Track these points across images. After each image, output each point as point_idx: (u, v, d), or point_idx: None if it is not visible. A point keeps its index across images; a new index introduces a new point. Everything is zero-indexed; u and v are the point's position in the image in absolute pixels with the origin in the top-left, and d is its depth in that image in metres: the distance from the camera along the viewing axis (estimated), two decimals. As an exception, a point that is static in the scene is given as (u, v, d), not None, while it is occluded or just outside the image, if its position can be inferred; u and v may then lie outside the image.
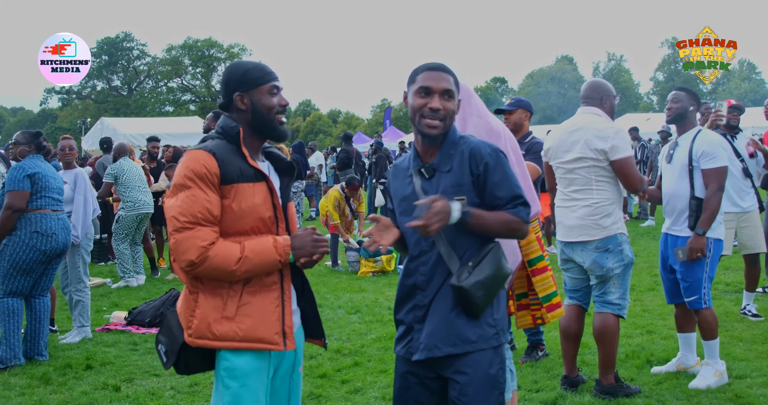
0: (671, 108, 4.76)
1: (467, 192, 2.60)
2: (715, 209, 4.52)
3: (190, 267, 2.38)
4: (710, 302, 4.65)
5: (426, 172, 2.65)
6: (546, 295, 4.14)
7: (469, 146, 2.64)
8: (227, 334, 2.42)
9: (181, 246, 2.38)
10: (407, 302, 2.69)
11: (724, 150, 4.63)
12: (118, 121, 30.74)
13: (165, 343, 2.57)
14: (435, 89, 2.58)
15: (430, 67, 2.63)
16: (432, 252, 2.63)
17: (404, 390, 2.70)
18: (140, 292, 8.49)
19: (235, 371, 2.44)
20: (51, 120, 59.64)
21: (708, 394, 4.45)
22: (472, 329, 2.57)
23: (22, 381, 5.12)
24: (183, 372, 2.58)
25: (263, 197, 2.49)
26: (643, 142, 14.91)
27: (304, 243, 2.48)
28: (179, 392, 4.80)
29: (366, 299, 7.75)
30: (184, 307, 2.49)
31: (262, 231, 2.50)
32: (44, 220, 5.47)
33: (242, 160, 2.48)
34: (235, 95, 2.53)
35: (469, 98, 4.02)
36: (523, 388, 4.64)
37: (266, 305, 2.47)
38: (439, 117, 2.58)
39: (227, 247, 2.40)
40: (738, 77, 64.36)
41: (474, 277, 2.52)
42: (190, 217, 2.38)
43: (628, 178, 4.31)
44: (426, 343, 2.58)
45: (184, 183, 2.41)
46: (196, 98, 61.63)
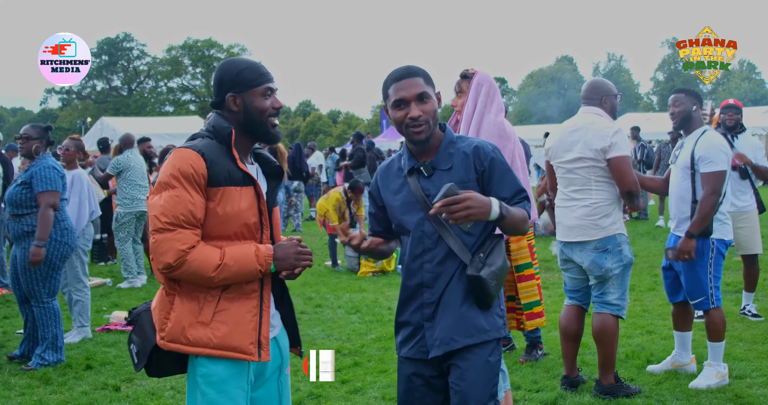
0: (674, 113, 4.73)
1: (472, 188, 2.60)
2: (706, 213, 4.47)
3: (167, 270, 2.32)
4: (719, 302, 4.62)
5: (425, 171, 2.66)
6: (528, 303, 4.17)
7: (472, 144, 2.67)
8: (201, 340, 2.35)
9: (160, 247, 2.31)
10: (412, 302, 2.69)
11: (725, 154, 4.56)
12: (118, 121, 30.80)
13: (137, 344, 2.51)
14: (408, 98, 2.59)
15: (396, 78, 2.63)
16: (438, 248, 2.63)
17: (409, 392, 2.71)
18: (140, 292, 8.48)
19: (211, 377, 2.38)
20: (51, 120, 59.50)
21: (708, 394, 4.45)
22: (485, 319, 2.63)
23: (22, 381, 5.12)
24: (155, 375, 2.52)
25: (249, 202, 2.42)
26: (642, 142, 14.90)
27: (287, 255, 2.42)
28: (179, 392, 4.80)
29: (366, 299, 7.75)
30: (159, 309, 2.42)
31: (246, 237, 2.43)
32: (67, 218, 5.62)
33: (231, 163, 2.41)
34: (227, 96, 2.46)
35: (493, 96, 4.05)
36: (523, 388, 4.64)
37: (243, 313, 2.40)
38: (421, 122, 2.59)
39: (207, 252, 2.33)
40: (738, 77, 64.31)
41: (488, 268, 2.57)
42: (171, 218, 2.31)
43: (623, 177, 4.28)
44: (442, 338, 2.60)
45: (169, 182, 2.34)
46: (196, 98, 61.60)
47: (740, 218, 6.19)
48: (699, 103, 4.75)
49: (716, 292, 4.60)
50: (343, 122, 65.36)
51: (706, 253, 4.57)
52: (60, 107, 62.19)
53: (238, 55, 59.36)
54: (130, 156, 8.81)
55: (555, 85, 65.18)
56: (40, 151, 5.52)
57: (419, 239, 2.65)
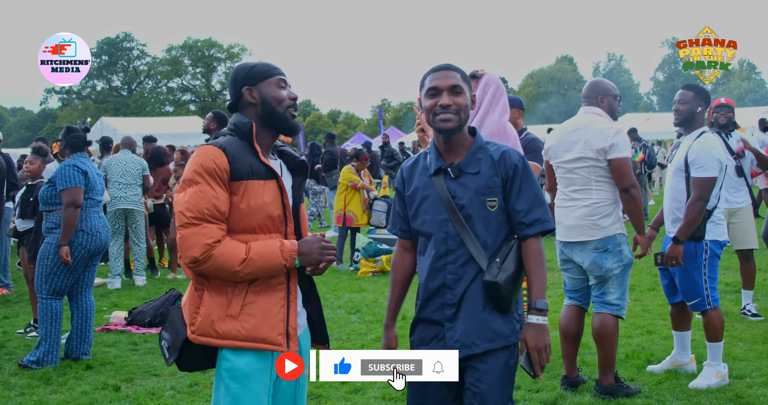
0: (678, 110, 4.71)
1: (497, 194, 2.64)
2: (692, 218, 4.44)
3: (193, 264, 2.37)
4: (716, 303, 4.61)
5: (452, 172, 2.66)
6: None
7: (500, 150, 2.68)
8: (230, 333, 2.40)
9: (186, 242, 2.36)
10: (434, 301, 2.70)
11: (718, 160, 4.49)
12: (118, 121, 30.83)
13: (168, 339, 2.55)
14: (442, 87, 2.63)
15: (435, 69, 2.70)
16: (460, 250, 2.64)
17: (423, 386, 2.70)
18: (140, 292, 8.48)
19: (236, 372, 2.42)
20: (51, 120, 59.59)
21: (708, 394, 4.45)
22: (505, 324, 2.64)
23: (22, 381, 5.12)
24: (185, 369, 2.56)
25: (273, 195, 2.46)
26: (644, 142, 14.87)
27: (312, 249, 2.46)
28: (179, 392, 4.80)
29: (366, 299, 7.75)
30: (189, 304, 2.48)
31: (271, 230, 2.48)
32: (88, 219, 5.58)
33: (254, 157, 2.46)
34: (243, 90, 2.52)
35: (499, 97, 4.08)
36: (523, 388, 4.64)
37: (271, 305, 2.45)
38: (451, 111, 2.61)
39: (233, 246, 2.37)
40: (738, 77, 64.30)
41: (504, 273, 2.58)
42: (196, 213, 2.36)
43: (622, 178, 4.29)
44: (463, 341, 2.61)
45: (192, 178, 2.39)
46: (196, 98, 61.61)
47: (735, 214, 6.22)
48: (705, 105, 4.72)
49: (712, 292, 4.59)
50: (343, 122, 65.39)
51: (700, 255, 4.55)
52: (60, 107, 62.15)
53: (238, 55, 59.47)
54: (115, 156, 8.87)
55: (555, 85, 65.18)
56: (66, 153, 5.70)
57: (443, 240, 2.66)
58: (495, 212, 2.63)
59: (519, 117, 5.49)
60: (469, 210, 2.62)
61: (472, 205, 2.62)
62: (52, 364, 5.42)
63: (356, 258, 9.84)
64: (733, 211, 6.20)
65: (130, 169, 8.79)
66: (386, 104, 64.86)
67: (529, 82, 70.15)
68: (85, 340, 5.65)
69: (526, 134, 5.41)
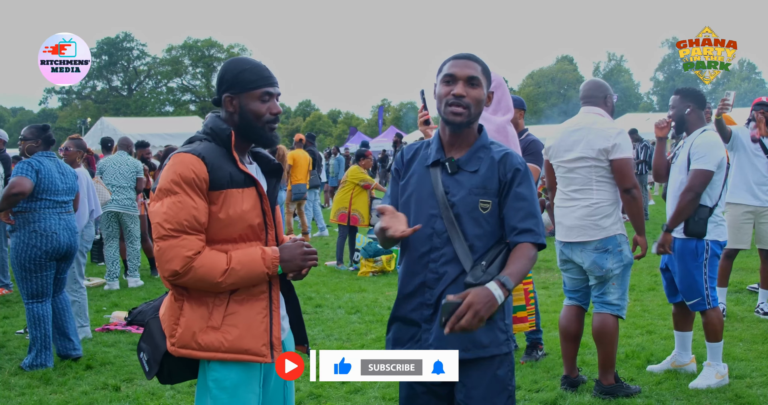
0: (671, 117, 4.76)
1: (492, 197, 2.50)
2: (682, 208, 4.47)
3: (173, 277, 2.28)
4: (716, 302, 4.62)
5: (450, 167, 2.54)
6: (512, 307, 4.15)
7: (502, 151, 2.55)
8: (212, 345, 2.32)
9: (165, 255, 2.27)
10: (413, 299, 2.57)
11: (718, 157, 4.50)
12: (118, 121, 30.79)
13: (147, 352, 2.46)
14: (459, 76, 2.51)
15: (457, 56, 2.58)
16: (445, 249, 2.50)
17: (411, 399, 2.61)
18: (140, 292, 8.48)
19: (224, 382, 2.35)
20: (51, 120, 59.57)
21: (708, 394, 4.45)
22: (484, 333, 2.47)
23: (22, 381, 5.12)
24: (166, 382, 2.49)
25: (252, 203, 2.38)
26: (645, 142, 14.87)
27: (294, 256, 2.40)
28: (179, 392, 4.80)
29: (366, 299, 7.75)
30: (168, 315, 2.39)
31: (251, 238, 2.40)
32: (43, 219, 5.41)
33: (232, 165, 2.36)
34: (224, 96, 2.41)
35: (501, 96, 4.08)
36: (523, 388, 4.64)
37: (253, 315, 2.37)
38: (463, 104, 2.49)
39: (213, 257, 2.29)
40: (738, 77, 64.33)
41: (488, 276, 2.37)
42: (175, 224, 2.26)
43: (624, 178, 4.29)
44: (436, 346, 2.47)
45: (170, 188, 2.29)
46: (196, 98, 61.67)
47: (763, 213, 6.18)
48: (694, 104, 4.71)
49: (712, 292, 4.60)
50: (343, 122, 65.41)
51: (701, 254, 4.56)
52: (60, 107, 62.24)
53: (238, 55, 59.34)
54: (111, 157, 8.84)
55: (555, 85, 65.18)
56: (34, 151, 5.54)
57: (428, 237, 2.52)
58: (487, 215, 2.49)
59: (520, 117, 5.49)
60: (459, 208, 2.49)
61: (464, 204, 2.49)
62: (44, 367, 5.38)
63: (356, 258, 9.80)
64: (761, 210, 6.16)
65: (124, 172, 8.73)
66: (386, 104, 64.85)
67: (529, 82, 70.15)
68: (68, 337, 5.60)
69: (526, 135, 5.41)
